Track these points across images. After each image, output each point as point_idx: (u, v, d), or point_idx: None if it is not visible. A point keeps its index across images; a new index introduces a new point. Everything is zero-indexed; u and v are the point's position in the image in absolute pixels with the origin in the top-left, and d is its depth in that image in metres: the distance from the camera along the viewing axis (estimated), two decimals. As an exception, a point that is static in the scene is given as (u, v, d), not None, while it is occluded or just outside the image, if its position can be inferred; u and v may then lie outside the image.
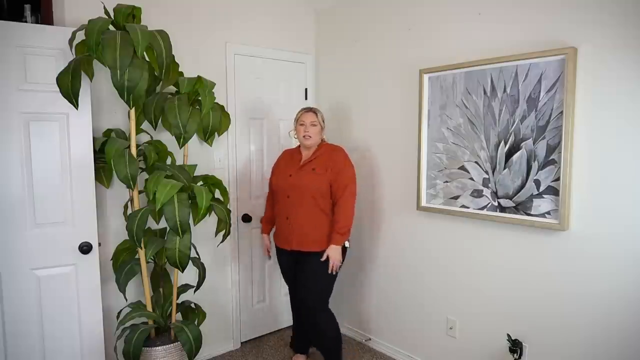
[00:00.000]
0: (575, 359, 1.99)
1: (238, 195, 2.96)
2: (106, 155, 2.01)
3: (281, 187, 2.50)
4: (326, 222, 2.44)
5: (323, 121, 2.50)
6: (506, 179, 2.17)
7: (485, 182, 2.27)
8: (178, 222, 1.98)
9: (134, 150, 2.11)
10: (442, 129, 2.45)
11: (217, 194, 2.47)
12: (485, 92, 2.23)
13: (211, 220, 2.59)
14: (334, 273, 2.42)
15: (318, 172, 2.41)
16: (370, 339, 3.00)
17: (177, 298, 2.41)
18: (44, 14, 2.37)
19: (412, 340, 2.76)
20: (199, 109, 2.25)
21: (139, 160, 2.20)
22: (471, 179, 2.33)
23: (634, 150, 1.77)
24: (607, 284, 1.87)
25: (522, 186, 2.11)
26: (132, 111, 2.11)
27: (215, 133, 2.49)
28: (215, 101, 2.36)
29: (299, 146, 2.57)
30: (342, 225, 2.38)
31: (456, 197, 2.41)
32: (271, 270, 3.19)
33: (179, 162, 2.52)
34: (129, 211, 2.30)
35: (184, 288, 2.49)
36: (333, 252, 2.38)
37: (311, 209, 2.41)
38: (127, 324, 2.26)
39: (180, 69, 2.42)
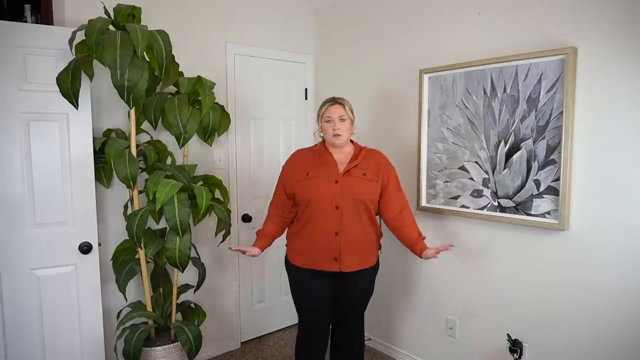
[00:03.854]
0: (575, 358, 1.99)
1: (238, 195, 2.96)
2: (106, 155, 2.01)
3: (326, 197, 2.00)
4: (374, 234, 2.12)
5: (352, 112, 2.07)
6: (506, 179, 2.17)
7: (485, 182, 2.27)
8: (178, 222, 1.98)
9: (134, 150, 2.11)
10: (442, 129, 2.45)
11: (217, 194, 2.47)
12: (485, 92, 2.23)
13: (211, 220, 2.59)
14: None
15: (370, 177, 2.04)
16: (370, 339, 3.00)
17: (177, 298, 2.41)
18: (44, 14, 2.38)
19: (412, 340, 2.76)
20: (199, 109, 2.25)
21: (139, 160, 2.20)
22: (471, 179, 2.33)
23: (634, 149, 1.77)
24: (607, 283, 1.87)
25: (522, 186, 2.11)
26: (132, 111, 2.11)
27: (215, 133, 2.49)
28: (215, 101, 2.36)
29: (319, 145, 2.14)
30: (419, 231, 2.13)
31: (456, 197, 2.41)
32: (271, 270, 3.19)
33: (179, 162, 2.52)
34: (129, 211, 2.30)
35: (184, 288, 2.49)
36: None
37: (365, 222, 2.05)
38: (127, 324, 2.26)
39: (180, 69, 2.42)
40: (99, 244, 2.21)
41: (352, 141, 2.14)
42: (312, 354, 2.21)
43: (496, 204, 2.23)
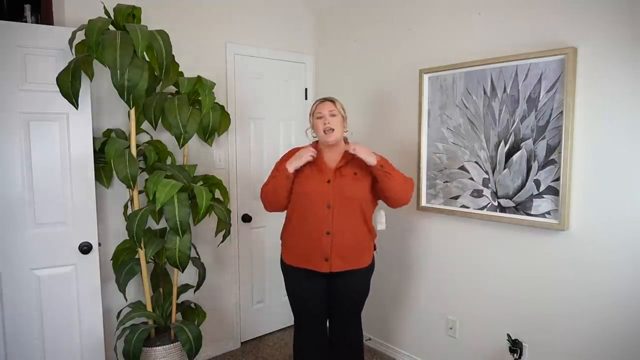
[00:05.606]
0: (575, 358, 2.00)
1: (238, 195, 2.96)
2: (106, 155, 2.01)
3: (318, 195, 2.00)
4: (368, 234, 2.10)
5: (344, 110, 2.07)
6: (506, 179, 2.17)
7: (485, 182, 2.27)
8: (178, 222, 1.98)
9: (134, 150, 2.11)
10: (442, 129, 2.45)
11: (217, 194, 2.47)
12: (485, 92, 2.23)
13: (211, 220, 2.59)
14: None
15: (361, 176, 2.02)
16: (370, 339, 3.00)
17: (177, 298, 2.41)
18: (44, 14, 2.38)
19: (412, 340, 2.76)
20: (199, 109, 2.25)
21: (139, 160, 2.20)
22: (471, 179, 2.33)
23: (634, 149, 1.77)
24: (607, 283, 1.87)
25: (522, 186, 2.11)
26: (132, 111, 2.11)
27: (215, 133, 2.49)
28: (215, 101, 2.36)
29: (313, 144, 2.13)
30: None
31: (456, 197, 2.41)
32: (271, 271, 3.18)
33: (179, 162, 2.52)
34: (129, 211, 2.30)
35: (184, 288, 2.49)
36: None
37: (357, 222, 2.04)
38: (127, 324, 2.26)
39: (180, 69, 2.42)
40: (99, 244, 2.21)
41: (345, 141, 2.13)
42: (309, 353, 2.21)
43: (496, 204, 2.23)
